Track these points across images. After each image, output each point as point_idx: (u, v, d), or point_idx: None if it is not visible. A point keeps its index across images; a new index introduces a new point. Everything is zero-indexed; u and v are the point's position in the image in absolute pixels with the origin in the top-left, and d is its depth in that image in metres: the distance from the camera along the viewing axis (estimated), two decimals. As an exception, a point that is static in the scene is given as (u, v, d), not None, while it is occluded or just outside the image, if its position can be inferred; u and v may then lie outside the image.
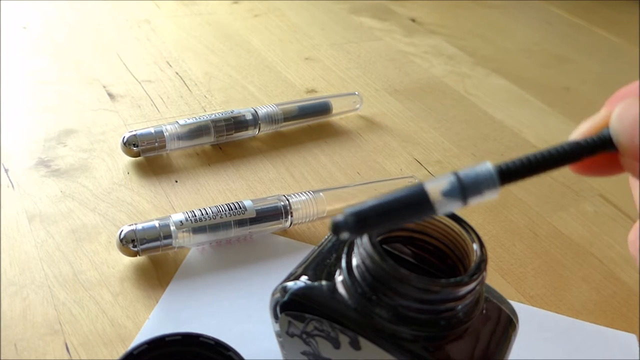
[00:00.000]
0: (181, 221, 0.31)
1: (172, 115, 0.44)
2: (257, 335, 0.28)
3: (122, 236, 0.30)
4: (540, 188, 0.42)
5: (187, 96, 0.47)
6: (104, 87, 0.46)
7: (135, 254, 0.31)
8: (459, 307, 0.21)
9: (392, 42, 0.62)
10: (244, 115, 0.41)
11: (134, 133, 0.38)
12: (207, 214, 0.32)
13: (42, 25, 0.54)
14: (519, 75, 0.59)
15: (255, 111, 0.42)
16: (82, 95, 0.45)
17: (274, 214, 0.33)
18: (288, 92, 0.50)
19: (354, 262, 0.22)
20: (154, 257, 0.32)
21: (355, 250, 0.22)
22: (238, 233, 0.33)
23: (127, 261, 0.32)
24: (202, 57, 0.53)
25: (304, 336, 0.23)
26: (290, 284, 0.23)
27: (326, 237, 0.25)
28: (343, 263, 0.22)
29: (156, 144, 0.38)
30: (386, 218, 0.18)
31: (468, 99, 0.53)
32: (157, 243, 0.31)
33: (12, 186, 0.36)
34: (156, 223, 0.31)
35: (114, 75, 0.48)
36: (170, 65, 0.51)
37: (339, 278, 0.22)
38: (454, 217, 0.23)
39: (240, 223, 0.32)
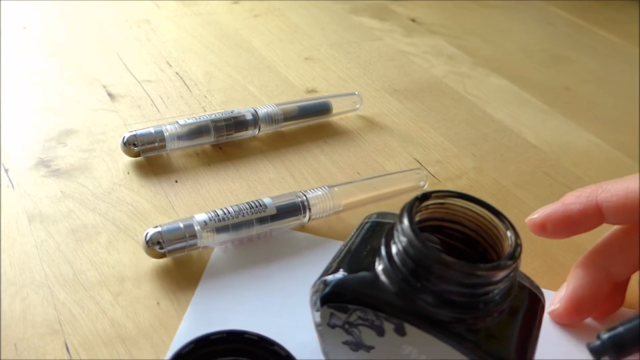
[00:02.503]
0: (205, 221, 0.31)
1: (172, 115, 0.44)
2: (293, 330, 0.28)
3: (148, 238, 0.30)
4: (540, 188, 0.42)
5: (187, 96, 0.47)
6: (104, 87, 0.46)
7: (162, 256, 0.31)
8: (496, 290, 0.22)
9: (392, 42, 0.62)
10: (244, 115, 0.41)
11: (134, 133, 0.38)
12: (229, 213, 0.32)
13: (42, 25, 0.55)
14: (519, 75, 0.59)
15: (255, 111, 0.42)
16: (82, 95, 0.45)
17: (293, 210, 0.34)
18: (288, 92, 0.50)
19: (393, 250, 0.23)
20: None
21: (395, 238, 0.22)
22: (260, 230, 0.33)
23: (127, 260, 0.32)
24: (202, 57, 0.53)
25: (347, 326, 0.24)
26: (329, 277, 0.24)
27: (354, 232, 0.26)
28: (383, 252, 0.23)
29: (156, 144, 0.38)
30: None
31: (468, 99, 0.53)
32: (184, 243, 0.31)
33: (12, 186, 0.36)
34: (180, 224, 0.31)
35: (114, 75, 0.48)
36: (170, 65, 0.51)
37: (379, 267, 0.23)
38: (486, 205, 0.24)
39: (262, 220, 0.33)
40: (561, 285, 0.32)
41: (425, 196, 0.24)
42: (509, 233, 0.23)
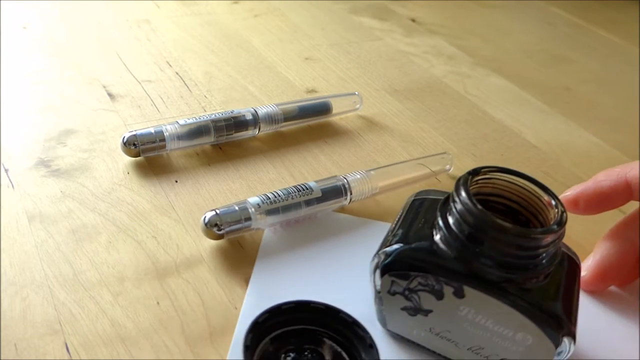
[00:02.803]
0: (258, 204, 0.33)
1: (172, 115, 0.44)
2: (348, 302, 0.29)
3: (206, 220, 0.32)
4: (540, 188, 0.42)
5: (187, 96, 0.47)
6: (104, 87, 0.46)
7: (219, 237, 0.32)
8: (544, 254, 0.24)
9: (392, 42, 0.62)
10: (244, 115, 0.41)
11: (134, 133, 0.38)
12: (279, 195, 0.34)
13: (42, 25, 0.55)
14: (519, 75, 0.59)
15: (255, 111, 0.42)
16: (82, 95, 0.45)
17: (336, 192, 0.36)
18: (288, 92, 0.50)
19: (450, 220, 0.25)
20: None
21: (452, 209, 0.25)
22: (307, 212, 0.35)
23: (127, 260, 0.32)
24: (202, 57, 0.53)
25: (407, 292, 0.26)
26: (389, 248, 0.26)
27: (402, 209, 0.29)
28: (440, 222, 0.25)
29: (156, 144, 0.38)
30: None
31: (468, 99, 0.53)
32: (240, 225, 0.32)
33: (12, 186, 0.36)
34: (235, 207, 0.33)
35: (114, 75, 0.48)
36: (170, 65, 0.51)
37: (437, 237, 0.26)
38: (530, 179, 0.26)
39: (309, 203, 0.35)
40: (588, 256, 0.34)
41: (476, 171, 0.26)
42: (553, 202, 0.25)
